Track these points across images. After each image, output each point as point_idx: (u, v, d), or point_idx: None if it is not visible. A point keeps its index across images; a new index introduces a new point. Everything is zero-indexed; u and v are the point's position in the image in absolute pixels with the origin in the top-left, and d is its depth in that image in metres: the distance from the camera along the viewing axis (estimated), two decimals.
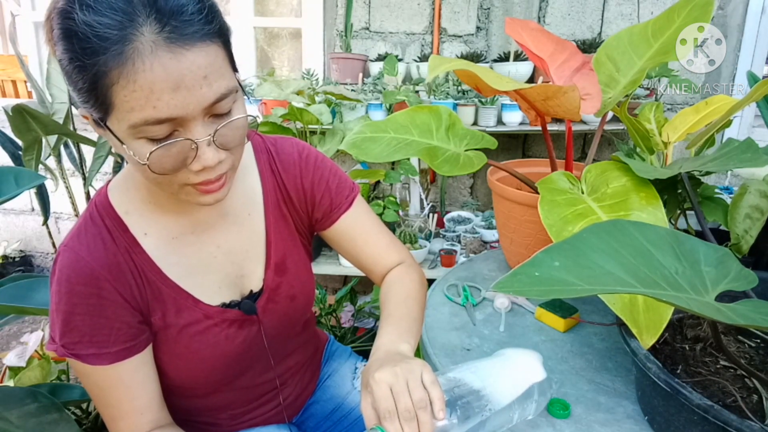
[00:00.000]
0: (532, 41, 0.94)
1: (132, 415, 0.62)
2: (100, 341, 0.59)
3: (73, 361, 0.60)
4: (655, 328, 0.58)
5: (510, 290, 0.40)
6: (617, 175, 0.77)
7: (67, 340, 0.58)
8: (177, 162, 0.52)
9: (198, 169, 0.53)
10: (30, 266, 2.70)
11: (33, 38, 2.46)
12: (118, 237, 0.62)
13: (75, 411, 1.42)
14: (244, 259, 0.71)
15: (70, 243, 0.60)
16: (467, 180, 2.26)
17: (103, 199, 0.63)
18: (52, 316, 0.59)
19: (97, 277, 0.59)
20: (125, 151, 0.52)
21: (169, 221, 0.65)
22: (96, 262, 0.59)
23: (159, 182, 0.55)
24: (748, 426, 0.44)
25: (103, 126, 0.51)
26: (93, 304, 0.59)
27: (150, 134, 0.49)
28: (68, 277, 0.58)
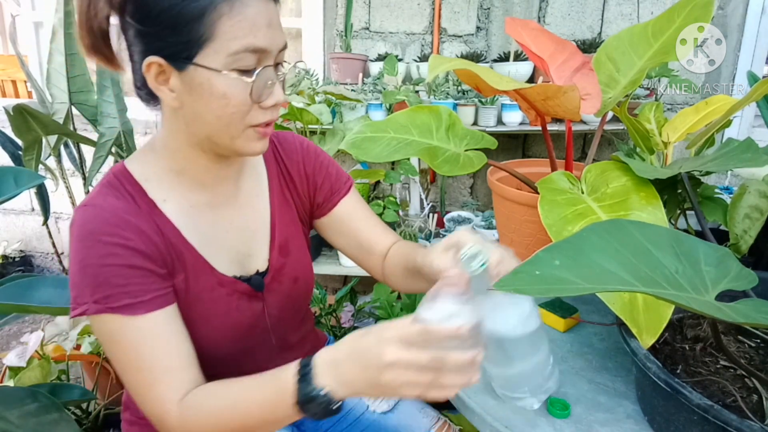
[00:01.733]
0: (532, 41, 0.94)
1: (170, 373, 0.59)
2: (133, 291, 0.58)
3: (103, 322, 0.57)
4: (655, 327, 0.58)
5: (511, 288, 0.40)
6: (617, 175, 0.77)
7: (100, 295, 0.56)
8: (261, 94, 0.59)
9: (271, 104, 0.60)
10: (30, 266, 2.70)
11: (33, 38, 2.46)
12: (139, 200, 0.63)
13: (75, 411, 1.42)
14: (252, 239, 0.74)
15: (90, 202, 0.60)
16: (467, 180, 2.26)
17: (121, 168, 0.65)
18: (76, 278, 0.57)
19: (123, 227, 0.59)
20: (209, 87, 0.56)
21: (188, 191, 0.67)
22: (119, 214, 0.60)
23: (232, 121, 0.59)
24: (748, 426, 0.44)
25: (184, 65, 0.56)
26: (121, 254, 0.58)
27: (243, 64, 0.56)
28: (92, 231, 0.58)
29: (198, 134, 0.62)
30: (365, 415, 0.85)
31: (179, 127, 0.63)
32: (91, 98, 1.64)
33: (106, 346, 0.60)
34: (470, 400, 0.67)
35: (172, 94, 0.59)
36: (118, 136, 1.59)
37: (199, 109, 0.59)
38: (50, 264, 2.73)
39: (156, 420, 0.59)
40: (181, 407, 0.58)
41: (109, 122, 1.58)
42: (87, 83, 1.63)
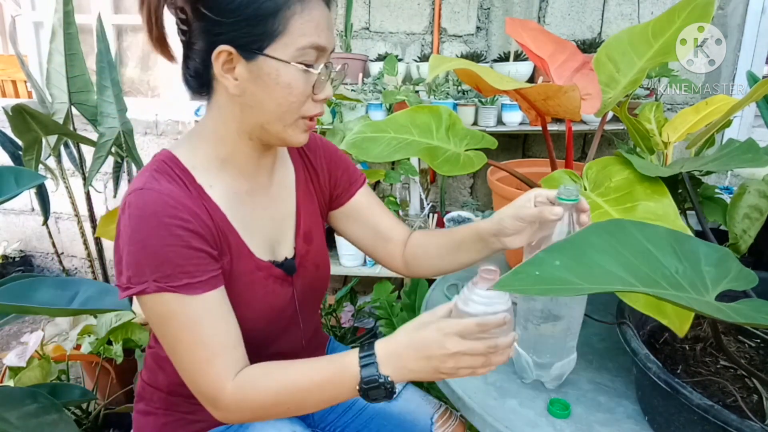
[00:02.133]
0: (532, 41, 0.94)
1: (228, 349, 0.62)
2: (192, 271, 0.61)
3: (161, 301, 0.60)
4: (687, 313, 0.56)
5: (511, 289, 0.40)
6: (619, 169, 0.77)
7: (160, 274, 0.59)
8: (319, 87, 0.66)
9: (322, 98, 0.67)
10: (30, 266, 2.70)
11: (33, 38, 2.46)
12: (189, 185, 0.66)
13: (75, 411, 1.42)
14: (280, 227, 0.78)
15: (146, 186, 0.63)
16: (467, 180, 2.26)
17: (168, 155, 0.68)
18: (136, 257, 0.59)
19: (181, 210, 0.62)
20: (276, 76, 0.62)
21: (231, 179, 0.71)
22: (177, 198, 0.63)
23: (290, 109, 0.65)
24: (748, 426, 0.44)
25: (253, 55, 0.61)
26: (181, 235, 0.61)
27: (306, 59, 0.63)
28: (155, 212, 0.60)
29: (251, 122, 0.67)
30: (370, 405, 0.87)
31: (233, 114, 0.67)
32: (91, 98, 1.63)
33: (160, 325, 0.62)
34: (470, 400, 0.67)
35: (236, 82, 0.63)
36: (118, 136, 1.59)
37: (261, 97, 0.64)
38: (50, 264, 2.73)
39: (209, 398, 0.61)
40: (235, 384, 0.60)
41: (109, 122, 1.58)
42: (87, 83, 1.62)
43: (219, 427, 0.76)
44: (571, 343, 0.68)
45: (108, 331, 1.46)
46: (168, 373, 0.75)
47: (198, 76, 0.66)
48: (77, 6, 1.86)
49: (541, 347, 0.68)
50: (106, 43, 1.57)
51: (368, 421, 0.87)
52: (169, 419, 0.77)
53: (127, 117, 1.62)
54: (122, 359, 1.48)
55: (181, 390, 0.73)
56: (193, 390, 0.63)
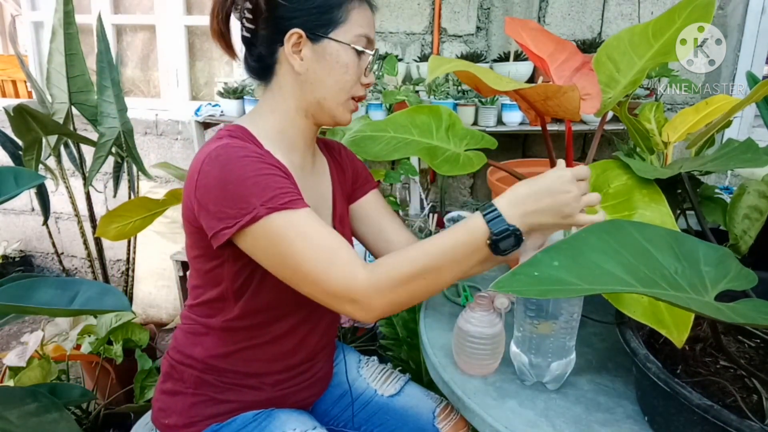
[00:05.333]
0: (532, 41, 0.94)
1: (344, 246, 0.65)
2: (290, 191, 0.66)
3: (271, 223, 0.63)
4: (684, 323, 0.56)
5: (510, 289, 0.40)
6: (618, 174, 0.77)
7: (266, 198, 0.64)
8: (366, 71, 0.77)
9: (367, 82, 0.78)
10: (30, 266, 2.70)
11: (33, 38, 2.46)
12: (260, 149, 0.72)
13: (75, 411, 1.42)
14: (321, 207, 0.85)
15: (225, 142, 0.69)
16: (467, 180, 2.26)
17: (236, 126, 0.76)
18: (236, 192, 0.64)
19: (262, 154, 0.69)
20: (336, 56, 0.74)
21: (286, 151, 0.78)
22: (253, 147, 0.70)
23: (343, 87, 0.76)
24: (748, 426, 0.44)
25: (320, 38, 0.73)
26: (269, 165, 0.68)
27: (360, 45, 0.75)
28: (245, 154, 0.67)
29: (310, 98, 0.76)
30: (374, 400, 0.89)
31: (293, 92, 0.76)
32: (91, 98, 1.63)
33: (272, 248, 0.65)
34: (470, 401, 0.67)
35: (301, 62, 0.74)
36: (118, 136, 1.59)
37: (322, 74, 0.74)
38: (50, 264, 2.73)
39: (344, 293, 0.63)
40: (368, 270, 0.63)
41: (109, 122, 1.58)
42: (87, 83, 1.62)
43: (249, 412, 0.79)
44: (570, 343, 0.68)
45: (108, 331, 1.46)
46: (206, 346, 0.78)
47: (261, 60, 0.77)
48: (77, 6, 1.86)
49: (539, 347, 0.68)
50: (106, 43, 1.57)
51: (372, 415, 0.88)
52: (198, 399, 0.78)
53: (127, 117, 1.62)
54: (122, 359, 1.48)
55: (217, 363, 0.78)
56: (325, 296, 0.64)
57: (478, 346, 0.70)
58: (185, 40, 2.37)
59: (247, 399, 0.79)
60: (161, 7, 2.34)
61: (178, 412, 0.78)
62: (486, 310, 0.71)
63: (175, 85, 2.43)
